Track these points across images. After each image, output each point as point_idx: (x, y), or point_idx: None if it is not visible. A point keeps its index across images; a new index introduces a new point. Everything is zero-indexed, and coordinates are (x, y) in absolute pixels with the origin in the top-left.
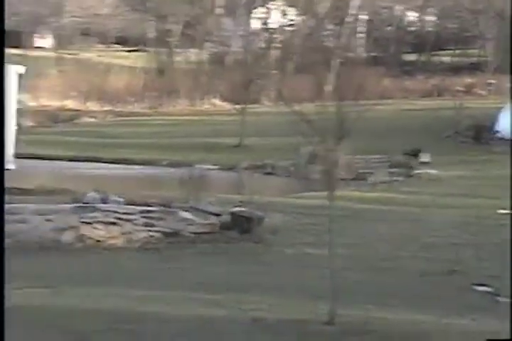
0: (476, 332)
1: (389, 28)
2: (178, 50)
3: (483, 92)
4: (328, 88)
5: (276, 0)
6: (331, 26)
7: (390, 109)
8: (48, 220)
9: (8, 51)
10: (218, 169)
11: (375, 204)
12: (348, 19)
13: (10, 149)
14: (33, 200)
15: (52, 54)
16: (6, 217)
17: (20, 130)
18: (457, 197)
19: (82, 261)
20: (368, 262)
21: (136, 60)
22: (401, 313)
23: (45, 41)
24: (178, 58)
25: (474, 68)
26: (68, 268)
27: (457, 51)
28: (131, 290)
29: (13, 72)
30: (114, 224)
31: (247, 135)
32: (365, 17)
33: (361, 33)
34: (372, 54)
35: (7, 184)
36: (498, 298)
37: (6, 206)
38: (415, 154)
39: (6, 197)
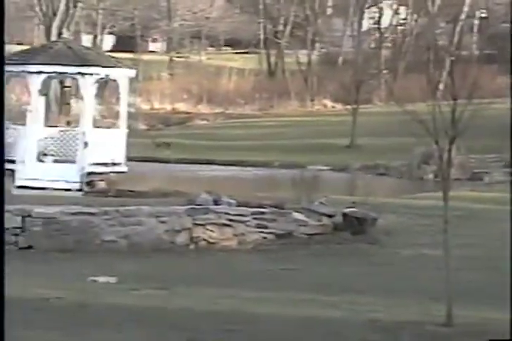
0: None
1: (504, 24)
2: (288, 51)
3: None
4: (441, 87)
5: None
6: (443, 24)
7: (504, 108)
8: (162, 222)
9: (121, 55)
10: (330, 170)
11: (491, 204)
12: (461, 17)
13: (122, 152)
14: (147, 202)
15: (163, 57)
16: (123, 219)
17: (133, 133)
18: None
19: (195, 263)
20: (486, 262)
21: (246, 61)
22: None
23: (156, 45)
24: (288, 59)
25: None
26: (182, 269)
27: None
28: (245, 292)
29: (124, 75)
30: (226, 225)
31: (359, 135)
32: (479, 14)
33: (475, 30)
34: (487, 51)
35: (122, 187)
36: None
37: (122, 209)
38: None
39: (122, 200)
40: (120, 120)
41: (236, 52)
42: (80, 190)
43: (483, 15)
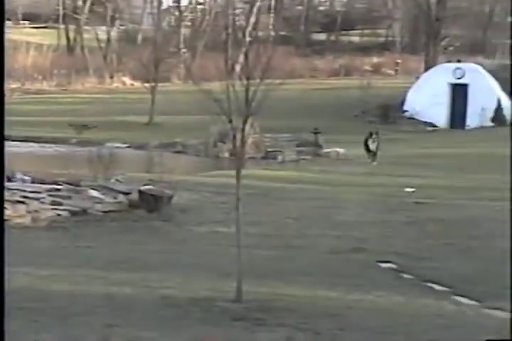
0: (380, 307)
1: (299, 7)
2: (87, 27)
3: (391, 72)
4: (238, 67)
5: None
6: (241, 4)
7: (298, 88)
8: None
9: None
10: (128, 147)
11: (284, 182)
12: None
13: None
14: None
15: None
16: None
17: None
18: (365, 175)
19: None
20: (277, 240)
21: (44, 37)
22: (308, 290)
23: None
24: (87, 36)
25: (382, 48)
26: None
27: (366, 31)
28: (39, 270)
29: None
30: (20, 202)
31: (157, 113)
32: None
33: (271, 12)
34: (282, 33)
35: None
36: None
37: None
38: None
39: None
40: None
41: (34, 27)
42: None
43: None
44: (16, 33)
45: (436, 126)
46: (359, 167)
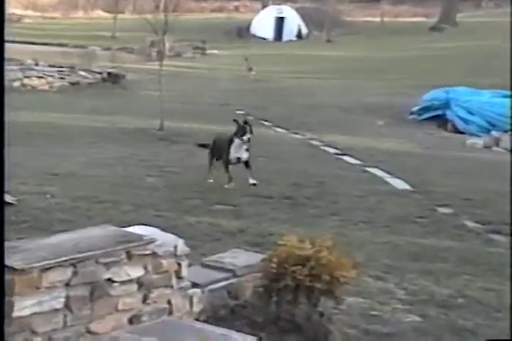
0: None
1: None
2: None
3: (244, 10)
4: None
5: None
6: None
7: (192, 18)
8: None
9: None
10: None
11: (186, 68)
12: None
13: None
14: None
15: None
16: None
17: None
18: (228, 65)
19: (24, 97)
20: (183, 98)
21: None
22: (198, 125)
23: None
24: None
25: None
26: (18, 101)
27: None
28: (51, 113)
29: None
30: (42, 77)
31: None
32: None
33: None
34: None
35: None
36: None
37: None
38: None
39: None
40: None
41: None
42: None
43: None
44: None
45: (266, 39)
46: (225, 60)
